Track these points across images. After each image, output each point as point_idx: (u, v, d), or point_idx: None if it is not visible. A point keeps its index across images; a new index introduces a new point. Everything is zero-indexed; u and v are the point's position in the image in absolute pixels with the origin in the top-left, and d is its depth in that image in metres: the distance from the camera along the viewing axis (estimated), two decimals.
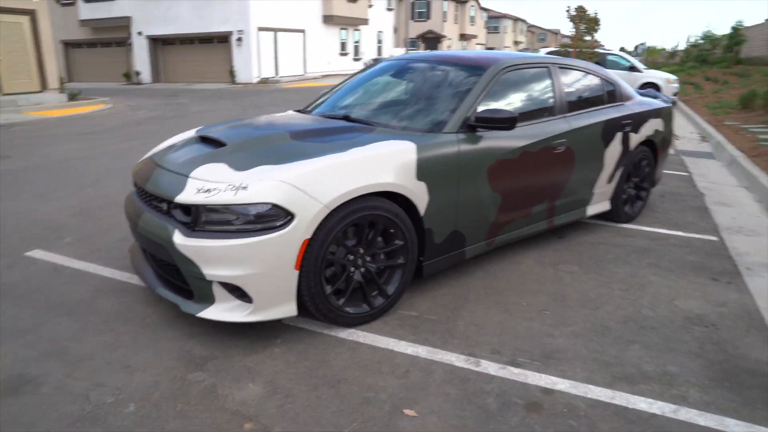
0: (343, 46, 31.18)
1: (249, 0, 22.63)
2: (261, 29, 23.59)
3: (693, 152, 8.39)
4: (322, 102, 4.36)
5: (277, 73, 24.92)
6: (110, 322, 3.05)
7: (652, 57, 48.67)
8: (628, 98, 4.75)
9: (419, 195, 3.07)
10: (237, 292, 2.70)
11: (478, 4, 55.16)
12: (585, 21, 16.94)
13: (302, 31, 26.67)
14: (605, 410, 2.32)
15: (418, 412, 2.29)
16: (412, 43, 44.91)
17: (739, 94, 14.11)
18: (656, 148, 4.96)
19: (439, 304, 3.29)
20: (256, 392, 2.42)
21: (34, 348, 2.78)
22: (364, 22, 31.83)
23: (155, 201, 2.99)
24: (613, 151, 4.40)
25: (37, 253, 4.06)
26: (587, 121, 4.17)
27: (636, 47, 45.75)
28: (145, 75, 25.83)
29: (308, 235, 2.68)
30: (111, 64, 26.94)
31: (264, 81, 23.42)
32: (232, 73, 23.50)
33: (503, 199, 3.59)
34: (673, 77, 15.72)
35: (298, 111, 4.36)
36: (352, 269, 2.94)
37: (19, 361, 2.67)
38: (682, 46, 43.27)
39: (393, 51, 37.71)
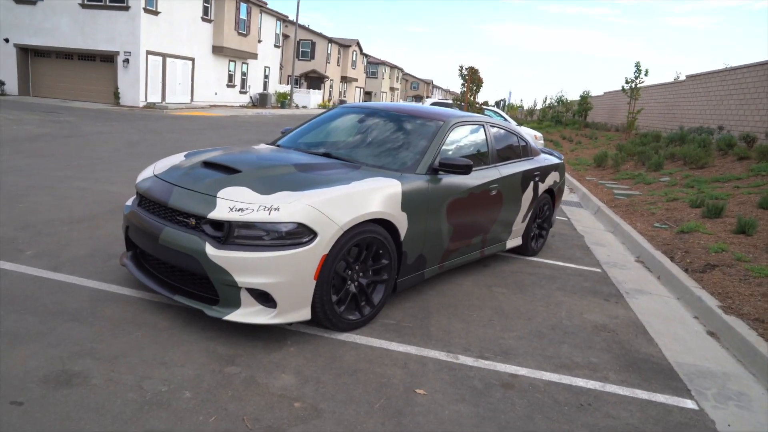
0: (231, 77, 31.20)
1: (140, 22, 22.09)
2: (150, 53, 23.03)
3: (566, 201, 9.97)
4: (293, 138, 4.91)
5: (163, 99, 24.32)
6: (123, 327, 3.31)
7: (512, 113, 54.14)
8: (536, 153, 5.87)
9: (402, 223, 3.76)
10: (262, 297, 3.16)
11: (360, 49, 57.80)
12: (474, 81, 19.01)
13: (192, 59, 26.40)
14: (557, 387, 3.14)
15: (426, 391, 2.93)
16: (296, 81, 45.84)
17: (592, 154, 16.66)
18: (554, 196, 6.13)
19: (410, 314, 3.96)
20: (291, 381, 2.90)
21: (59, 348, 2.99)
22: (254, 56, 32.19)
23: (180, 216, 3.35)
24: (527, 196, 5.44)
25: (4, 264, 4.09)
26: (511, 170, 5.16)
27: (497, 103, 50.55)
28: (11, 86, 23.79)
29: (326, 251, 3.24)
30: None
31: (150, 106, 22.75)
32: (116, 95, 22.55)
33: (454, 230, 4.39)
34: (539, 134, 18.05)
35: (271, 144, 4.87)
36: (349, 282, 3.52)
37: (52, 359, 2.87)
38: (539, 106, 48.71)
39: (278, 87, 38.31)
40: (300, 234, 3.15)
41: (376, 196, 3.56)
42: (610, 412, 2.92)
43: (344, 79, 54.35)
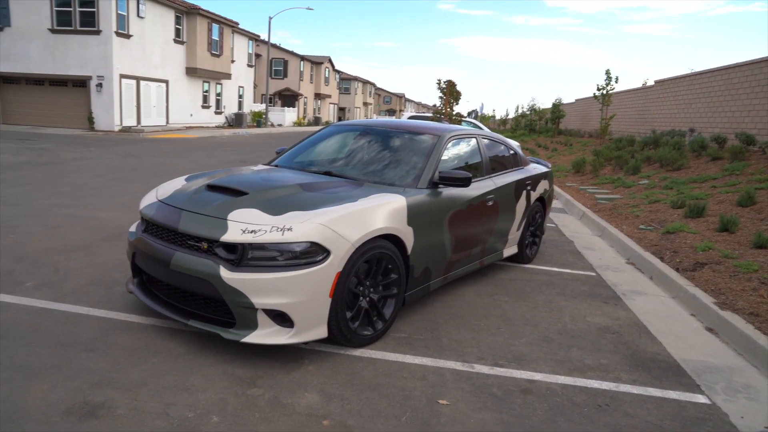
0: (205, 98, 31.06)
1: (112, 46, 21.91)
2: (123, 76, 22.84)
3: (551, 208, 10.14)
4: (290, 157, 4.95)
5: (139, 122, 24.09)
6: (138, 354, 3.29)
7: (485, 123, 54.79)
8: (526, 163, 6.00)
9: (408, 237, 3.81)
10: (280, 318, 3.18)
11: (332, 66, 58.09)
12: (453, 94, 19.30)
13: (166, 81, 26.24)
14: (574, 389, 3.21)
15: (449, 401, 2.97)
16: (270, 100, 45.81)
17: (570, 160, 16.98)
18: (545, 203, 6.26)
19: (419, 327, 4.01)
20: (316, 399, 2.92)
21: (77, 380, 2.95)
22: (227, 76, 32.13)
23: (191, 241, 3.36)
24: (521, 205, 5.55)
25: (6, 297, 4.03)
26: (505, 180, 5.27)
27: (469, 113, 51.13)
28: None
29: (340, 269, 3.27)
30: None
31: (126, 129, 22.51)
32: (90, 119, 22.26)
33: (456, 242, 4.46)
34: (516, 143, 18.36)
35: (268, 164, 4.90)
36: (361, 298, 3.56)
37: (72, 391, 2.84)
38: (511, 115, 49.44)
39: (252, 106, 38.22)
40: (314, 253, 3.19)
41: (384, 211, 3.62)
42: (628, 411, 3.00)
43: (318, 96, 54.49)
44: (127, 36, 22.85)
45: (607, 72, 21.01)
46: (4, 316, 3.70)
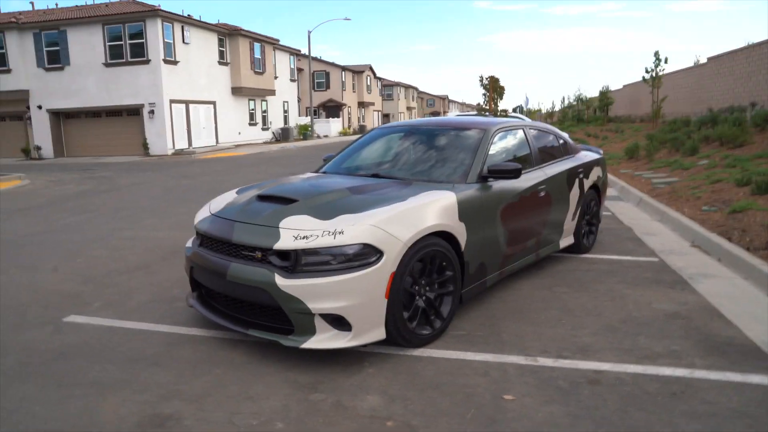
0: (252, 116, 31.84)
1: (161, 73, 22.79)
2: (173, 101, 23.72)
3: (606, 196, 9.81)
4: (337, 163, 4.98)
5: (190, 144, 24.93)
6: (201, 366, 3.36)
7: (532, 117, 53.73)
8: (576, 151, 5.83)
9: (461, 233, 3.75)
10: (337, 322, 3.18)
11: (373, 73, 58.44)
12: (496, 89, 19.11)
13: (213, 102, 27.06)
14: (644, 378, 3.07)
15: (514, 396, 2.89)
16: (314, 112, 46.50)
17: (622, 147, 16.42)
18: (599, 191, 6.05)
19: (478, 323, 3.93)
20: (378, 401, 2.90)
21: (146, 394, 3.04)
22: (271, 92, 32.83)
23: (245, 251, 3.41)
24: (574, 194, 5.39)
25: (77, 318, 4.21)
26: (556, 169, 5.13)
27: (514, 109, 50.24)
28: (47, 150, 24.75)
29: (394, 269, 3.25)
30: (5, 138, 25.53)
31: (179, 152, 23.35)
32: (145, 146, 23.22)
33: (510, 235, 4.36)
34: (566, 134, 17.89)
35: (316, 172, 4.95)
36: (417, 297, 3.52)
37: (142, 404, 2.93)
38: (557, 107, 48.29)
39: (298, 119, 38.89)
40: (367, 254, 3.18)
41: (434, 209, 3.58)
42: (706, 398, 2.83)
43: (361, 105, 54.93)
44: (174, 62, 23.74)
45: (656, 54, 20.25)
46: (76, 336, 3.87)
